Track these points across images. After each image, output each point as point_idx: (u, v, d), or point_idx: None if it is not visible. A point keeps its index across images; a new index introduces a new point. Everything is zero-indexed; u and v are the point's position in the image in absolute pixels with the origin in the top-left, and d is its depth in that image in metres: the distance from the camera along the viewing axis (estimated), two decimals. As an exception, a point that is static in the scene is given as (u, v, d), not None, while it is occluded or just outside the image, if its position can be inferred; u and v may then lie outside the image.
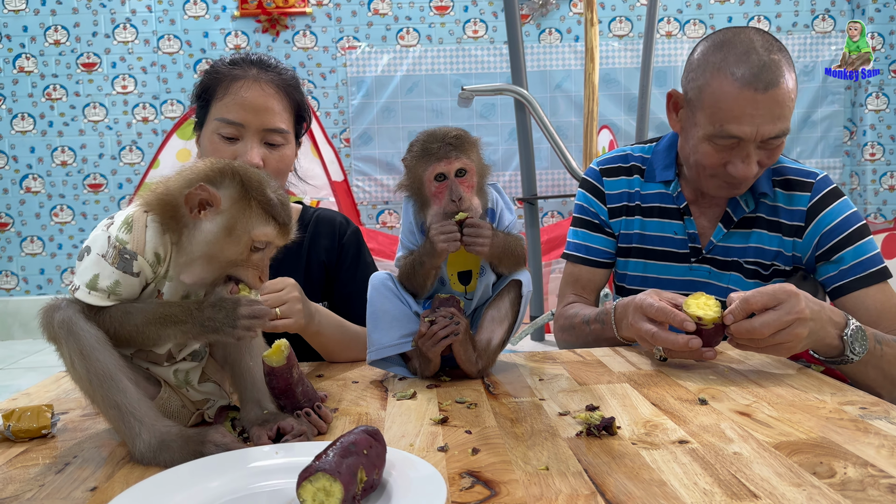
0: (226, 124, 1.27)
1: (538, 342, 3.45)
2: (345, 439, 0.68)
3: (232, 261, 0.85)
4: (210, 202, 0.83)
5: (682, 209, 1.45)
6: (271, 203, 0.85)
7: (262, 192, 0.85)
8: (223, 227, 0.83)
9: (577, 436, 0.86)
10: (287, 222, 0.88)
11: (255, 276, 0.87)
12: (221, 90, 1.29)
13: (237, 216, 0.84)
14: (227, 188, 0.84)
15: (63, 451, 0.87)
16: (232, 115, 1.27)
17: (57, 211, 4.71)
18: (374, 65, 4.64)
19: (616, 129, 4.60)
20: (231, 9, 4.63)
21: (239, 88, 1.28)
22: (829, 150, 4.78)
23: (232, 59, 1.34)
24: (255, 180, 0.86)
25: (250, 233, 0.84)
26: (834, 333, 1.11)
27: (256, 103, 1.28)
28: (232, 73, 1.30)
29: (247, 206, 0.84)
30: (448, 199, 1.09)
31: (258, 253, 0.87)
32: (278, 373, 0.90)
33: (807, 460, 0.76)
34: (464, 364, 1.12)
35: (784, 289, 1.06)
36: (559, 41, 4.70)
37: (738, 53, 1.27)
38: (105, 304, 0.84)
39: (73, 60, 4.63)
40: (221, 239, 0.84)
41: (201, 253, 0.84)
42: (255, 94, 1.28)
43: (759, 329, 1.05)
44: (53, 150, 4.67)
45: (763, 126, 1.26)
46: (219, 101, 1.29)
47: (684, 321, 1.09)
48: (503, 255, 1.13)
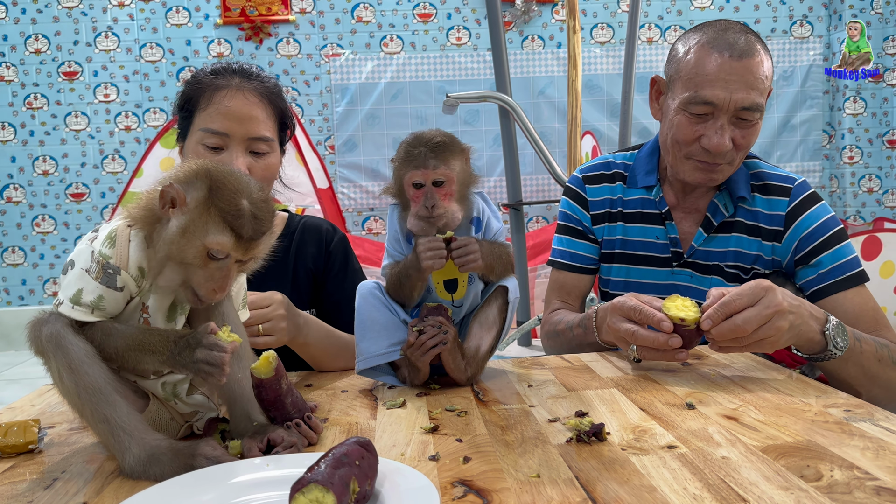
0: (210, 134, 1.27)
1: (525, 347, 3.46)
2: (337, 450, 0.68)
3: (188, 265, 0.82)
4: (177, 202, 0.82)
5: (664, 214, 1.46)
6: (235, 213, 0.81)
7: (229, 199, 0.81)
8: (181, 227, 0.81)
9: (567, 442, 0.87)
10: (250, 235, 0.82)
11: (210, 289, 0.83)
12: (204, 100, 1.29)
13: (195, 219, 0.81)
14: (196, 190, 0.83)
15: (51, 466, 0.87)
16: (216, 125, 1.27)
17: (39, 221, 4.66)
18: (358, 72, 4.65)
19: (599, 135, 4.63)
20: (214, 17, 4.62)
21: (222, 98, 1.28)
22: (808, 153, 4.84)
23: (213, 68, 1.33)
24: (228, 186, 0.82)
25: (203, 239, 0.81)
26: (816, 328, 1.13)
27: (240, 112, 1.27)
28: (214, 83, 1.29)
29: (206, 210, 0.81)
30: (422, 204, 1.09)
31: (217, 263, 0.83)
32: (267, 384, 0.89)
33: (794, 464, 0.77)
34: (453, 372, 1.12)
35: (759, 285, 1.08)
36: (542, 48, 4.73)
37: (716, 30, 1.34)
38: (89, 320, 0.83)
39: (55, 69, 4.59)
40: (178, 240, 0.81)
41: (164, 252, 0.82)
42: (238, 103, 1.28)
43: (742, 326, 1.05)
44: (35, 159, 4.63)
45: (736, 93, 1.29)
46: (202, 112, 1.28)
47: (661, 321, 1.10)
48: (493, 266, 1.14)
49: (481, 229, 1.16)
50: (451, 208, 1.10)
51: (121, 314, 0.86)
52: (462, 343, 1.14)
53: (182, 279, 0.84)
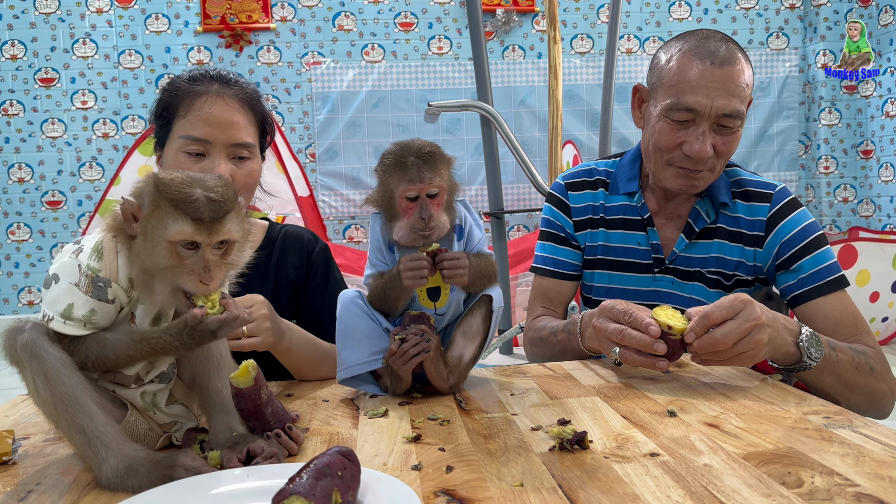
0: (191, 141, 1.25)
1: (506, 355, 3.46)
2: (319, 461, 0.67)
3: (166, 269, 0.81)
4: (135, 214, 0.81)
5: (646, 220, 1.47)
6: (185, 200, 0.80)
7: (177, 189, 0.80)
8: (143, 235, 0.81)
9: (550, 450, 0.86)
10: (209, 216, 0.80)
11: (196, 282, 0.81)
12: (183, 107, 1.27)
13: (150, 220, 0.80)
14: (146, 195, 0.82)
15: (25, 478, 0.85)
16: (197, 132, 1.25)
17: (14, 229, 4.59)
18: (340, 80, 4.64)
19: (579, 144, 4.66)
20: (194, 24, 4.59)
21: (202, 104, 1.26)
22: (785, 163, 4.91)
23: (191, 74, 1.32)
24: (176, 181, 0.81)
25: (164, 235, 0.80)
26: (790, 340, 1.14)
27: (221, 118, 1.26)
28: (193, 89, 1.28)
29: (158, 207, 0.80)
30: (417, 216, 1.08)
31: (191, 255, 0.81)
32: (246, 394, 0.88)
33: (775, 470, 0.77)
34: (435, 381, 1.12)
35: (739, 298, 1.09)
36: (522, 58, 4.76)
37: (698, 38, 1.37)
38: (81, 334, 0.82)
39: (31, 76, 4.54)
40: (146, 248, 0.80)
41: (140, 265, 0.81)
42: (219, 110, 1.27)
43: (722, 339, 1.06)
44: (10, 166, 4.56)
45: (717, 100, 1.31)
46: (182, 119, 1.27)
47: (650, 325, 1.11)
48: (477, 279, 1.14)
49: (463, 237, 1.16)
50: (441, 218, 1.09)
51: (109, 329, 0.85)
52: (445, 351, 1.14)
53: (169, 289, 0.83)
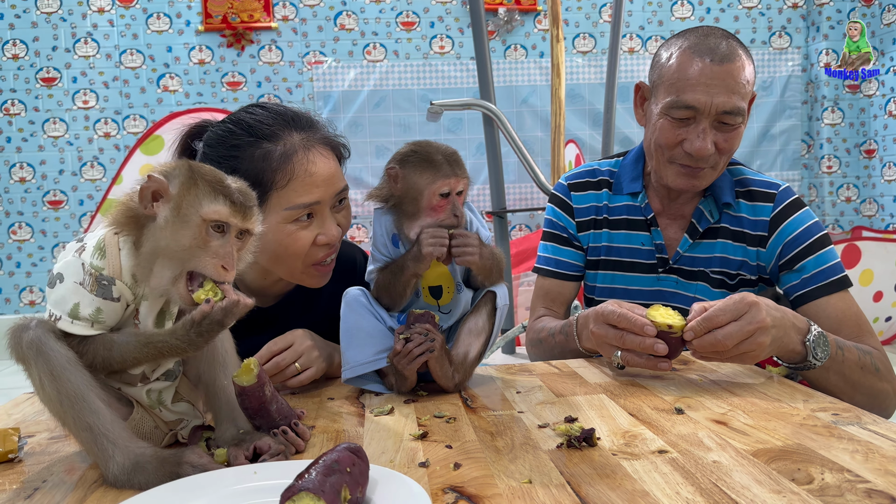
0: (302, 209, 1.15)
1: (509, 355, 3.46)
2: (327, 457, 0.67)
3: (189, 249, 0.80)
4: (160, 192, 0.81)
5: (649, 220, 1.47)
6: (222, 182, 0.82)
7: (212, 174, 0.82)
8: (172, 212, 0.80)
9: (558, 448, 0.86)
10: (242, 201, 0.82)
11: (217, 266, 0.81)
12: (281, 176, 1.13)
13: (185, 197, 0.80)
14: (177, 176, 0.82)
15: (31, 475, 0.84)
16: (306, 199, 1.14)
17: (15, 228, 4.59)
18: (341, 80, 4.64)
19: (582, 143, 4.66)
20: (195, 23, 4.59)
21: (303, 165, 1.14)
22: (787, 163, 4.90)
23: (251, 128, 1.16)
24: (207, 167, 0.84)
25: (199, 212, 0.80)
26: (797, 339, 1.13)
27: (325, 174, 1.15)
28: (285, 150, 1.14)
29: (193, 185, 0.81)
30: (450, 212, 1.11)
31: (218, 239, 0.81)
32: (250, 392, 0.87)
33: (785, 467, 0.77)
34: (440, 379, 1.11)
35: (744, 299, 1.08)
36: (524, 57, 4.75)
37: (698, 35, 1.36)
38: (90, 333, 0.81)
39: (33, 75, 4.53)
40: (173, 226, 0.80)
41: (159, 248, 0.80)
42: (321, 167, 1.15)
43: (723, 341, 1.06)
44: (12, 166, 4.56)
45: (717, 97, 1.30)
46: (281, 190, 1.13)
47: (645, 325, 1.10)
48: (490, 269, 1.14)
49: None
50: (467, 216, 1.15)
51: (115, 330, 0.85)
52: (450, 350, 1.13)
53: (174, 274, 0.81)
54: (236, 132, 1.17)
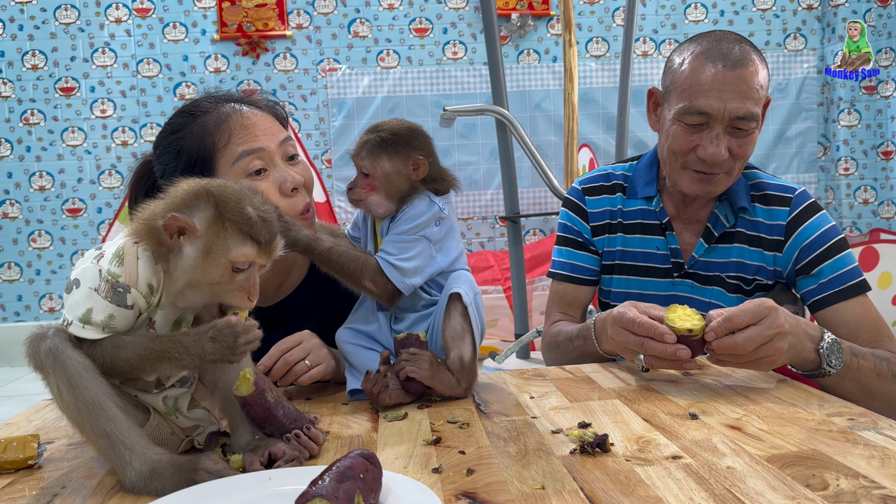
0: (252, 156, 1.18)
1: (523, 360, 3.45)
2: (341, 463, 0.67)
3: (215, 284, 0.84)
4: (186, 230, 0.83)
5: (664, 224, 1.46)
6: (249, 222, 0.84)
7: (238, 211, 0.84)
8: (201, 251, 0.83)
9: (571, 453, 0.86)
10: (268, 240, 0.85)
11: (243, 298, 0.86)
12: (222, 135, 1.18)
13: (213, 239, 0.83)
14: (202, 211, 0.84)
15: (50, 481, 0.86)
16: (253, 145, 1.18)
17: (35, 237, 4.65)
18: (355, 86, 4.66)
19: (595, 148, 4.65)
20: (211, 32, 4.63)
21: (239, 120, 1.20)
22: (804, 165, 4.87)
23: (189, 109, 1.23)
24: (231, 199, 0.84)
25: (227, 255, 0.83)
26: (811, 347, 1.13)
27: (263, 125, 1.21)
28: (217, 114, 1.20)
29: (221, 227, 0.83)
30: (348, 186, 1.21)
31: (241, 274, 0.85)
32: (252, 401, 0.87)
33: (799, 473, 0.76)
34: (447, 391, 1.11)
35: (764, 304, 1.08)
36: (537, 62, 4.75)
37: (711, 40, 1.36)
38: (100, 338, 0.83)
39: (52, 85, 4.60)
40: (201, 264, 0.83)
41: (187, 279, 0.84)
42: (256, 118, 1.21)
43: (742, 345, 1.05)
44: (31, 174, 4.62)
45: (730, 102, 1.30)
46: (227, 147, 1.18)
47: (664, 334, 1.10)
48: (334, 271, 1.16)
49: (396, 221, 1.18)
50: (371, 199, 1.18)
51: (127, 333, 0.86)
52: (444, 360, 1.12)
53: (205, 300, 0.86)
54: (175, 121, 1.23)
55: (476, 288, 1.17)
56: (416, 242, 1.15)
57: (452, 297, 1.13)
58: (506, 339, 3.79)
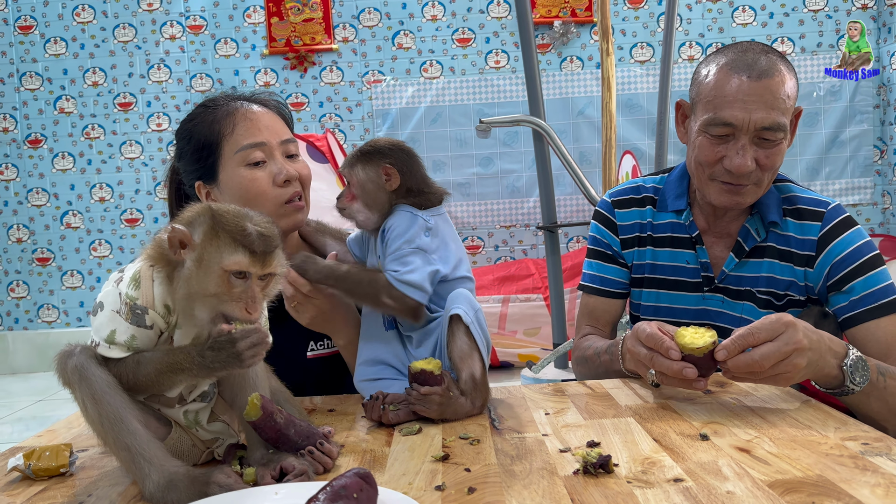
0: (253, 148, 1.29)
1: (561, 369, 3.44)
2: (336, 482, 0.70)
3: (214, 295, 0.87)
4: (185, 242, 0.87)
5: (694, 238, 1.45)
6: (242, 231, 0.86)
7: (232, 222, 0.87)
8: (196, 262, 0.86)
9: (575, 473, 0.87)
10: (262, 249, 0.87)
11: (242, 309, 0.87)
12: (227, 125, 1.30)
13: (207, 249, 0.86)
14: (200, 225, 0.88)
15: (79, 489, 0.91)
16: (255, 138, 1.29)
17: (95, 245, 4.86)
18: (399, 97, 4.73)
19: (640, 154, 4.59)
20: (260, 47, 4.77)
21: (244, 115, 1.31)
22: (859, 169, 4.70)
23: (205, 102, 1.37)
24: (229, 213, 0.88)
25: (220, 263, 0.86)
26: (834, 363, 1.10)
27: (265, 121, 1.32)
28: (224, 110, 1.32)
29: (215, 237, 0.86)
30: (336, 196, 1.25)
31: (240, 284, 0.87)
32: (262, 424, 0.90)
33: (798, 500, 0.76)
34: (462, 417, 1.13)
35: (781, 319, 1.06)
36: (580, 69, 4.73)
37: (737, 51, 1.35)
38: (124, 356, 0.88)
39: (111, 101, 4.80)
40: (197, 273, 0.86)
41: (186, 290, 0.87)
42: (259, 114, 1.32)
43: (759, 361, 1.04)
44: (92, 186, 4.83)
45: (755, 113, 1.28)
46: (230, 136, 1.30)
47: (669, 349, 1.10)
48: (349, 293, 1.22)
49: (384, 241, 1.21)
50: (352, 206, 1.23)
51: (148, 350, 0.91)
52: (456, 381, 1.14)
53: (211, 314, 0.88)
54: (192, 112, 1.37)
55: (476, 304, 1.18)
56: (413, 255, 1.18)
57: (453, 318, 1.15)
58: (546, 346, 3.78)
